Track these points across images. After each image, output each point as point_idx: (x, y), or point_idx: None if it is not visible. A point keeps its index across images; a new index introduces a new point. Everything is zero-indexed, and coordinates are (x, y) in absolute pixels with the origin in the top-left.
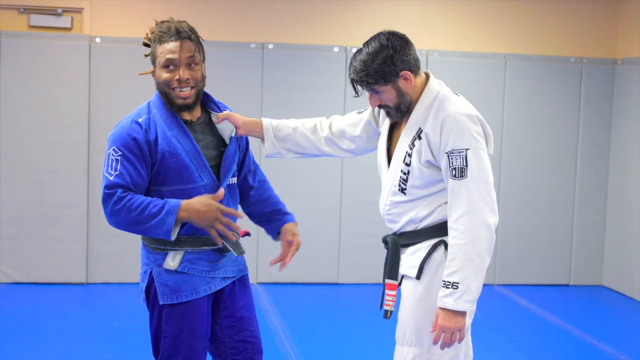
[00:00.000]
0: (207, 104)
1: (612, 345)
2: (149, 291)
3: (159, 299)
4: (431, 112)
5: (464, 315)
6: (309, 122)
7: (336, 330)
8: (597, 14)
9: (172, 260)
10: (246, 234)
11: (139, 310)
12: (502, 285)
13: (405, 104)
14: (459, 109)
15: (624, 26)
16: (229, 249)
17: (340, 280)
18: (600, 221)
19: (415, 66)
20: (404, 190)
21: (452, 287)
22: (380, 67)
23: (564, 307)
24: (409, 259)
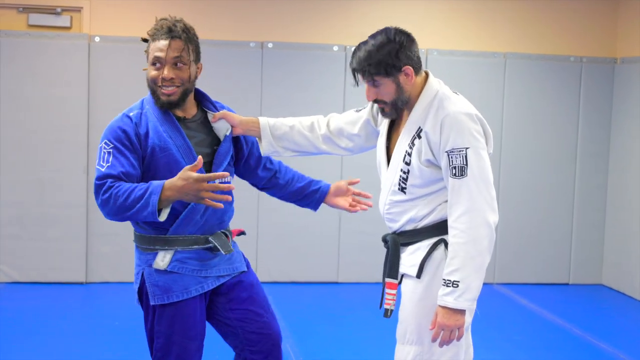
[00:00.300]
0: (204, 103)
1: (611, 344)
2: (142, 292)
3: (150, 300)
4: (431, 111)
5: (463, 313)
6: (306, 121)
7: (336, 329)
8: (597, 13)
9: (162, 260)
10: (241, 233)
11: (139, 310)
12: (502, 284)
13: (402, 100)
14: (459, 107)
15: (624, 25)
16: (218, 247)
17: (340, 279)
18: (600, 220)
19: (417, 64)
20: (403, 189)
21: (453, 285)
22: (384, 58)
23: (563, 306)
24: (409, 258)
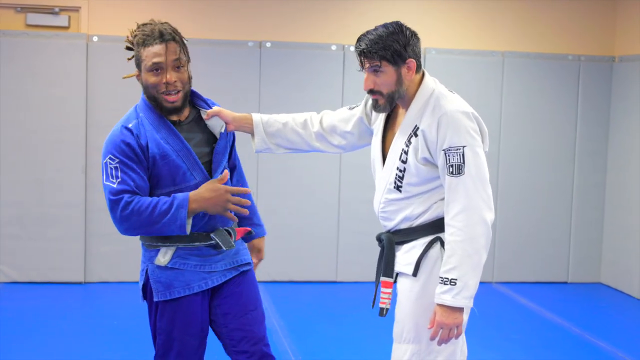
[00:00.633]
0: (195, 101)
1: (610, 342)
2: (146, 288)
3: (153, 296)
4: (427, 109)
5: (461, 311)
6: (299, 117)
7: (334, 328)
8: (595, 11)
9: (163, 256)
10: (248, 233)
11: (138, 309)
12: (501, 282)
13: (399, 94)
14: (456, 106)
15: (622, 24)
16: (220, 244)
17: (338, 278)
18: (598, 218)
19: (419, 61)
20: (399, 187)
21: (450, 283)
22: (394, 45)
23: (562, 304)
24: (405, 257)
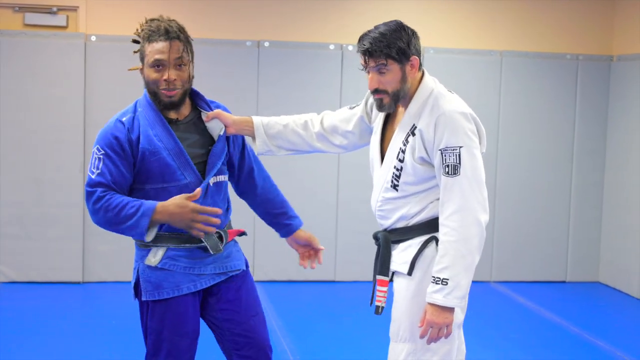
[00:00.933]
0: (198, 102)
1: (608, 341)
2: (137, 287)
3: (142, 295)
4: (425, 109)
5: (452, 311)
6: (299, 119)
7: (333, 328)
8: (593, 10)
9: (154, 256)
10: (242, 234)
11: (136, 309)
12: (499, 282)
13: (404, 92)
14: (454, 106)
15: (620, 23)
16: (208, 247)
17: (337, 278)
18: (596, 217)
19: (420, 59)
20: (396, 186)
21: (442, 283)
22: (398, 42)
23: (560, 303)
24: (401, 255)
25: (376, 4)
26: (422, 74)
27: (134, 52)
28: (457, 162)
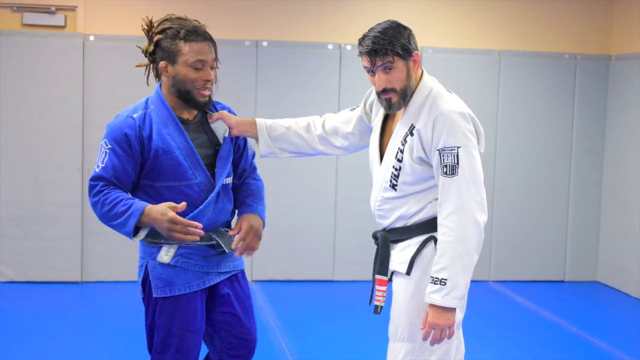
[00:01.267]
0: None
1: (607, 341)
2: (145, 284)
3: (152, 292)
4: (424, 108)
5: (453, 312)
6: (302, 121)
7: (331, 327)
8: (591, 10)
9: (166, 254)
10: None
11: (134, 308)
12: (498, 281)
13: (410, 89)
14: (452, 106)
15: (618, 22)
16: (222, 245)
17: (335, 277)
18: (595, 217)
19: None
20: (394, 186)
21: (440, 283)
22: (400, 38)
23: (559, 303)
24: (399, 255)
25: (374, 3)
26: (421, 73)
27: (147, 48)
28: (455, 162)
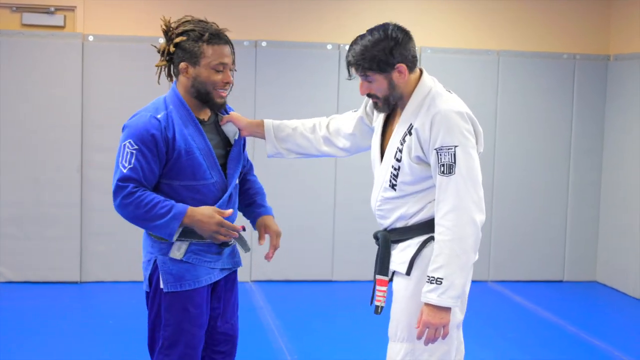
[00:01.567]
0: None
1: (606, 340)
2: (152, 279)
3: (162, 286)
4: (423, 108)
5: (448, 311)
6: (308, 122)
7: (330, 327)
8: (590, 10)
9: (178, 250)
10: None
11: (133, 308)
12: (496, 281)
13: (395, 97)
14: (450, 105)
15: (617, 22)
16: (229, 244)
17: (334, 277)
18: (593, 217)
19: (412, 62)
20: (394, 186)
21: (436, 282)
22: (378, 54)
23: (557, 303)
24: (400, 255)
25: (373, 4)
26: (421, 73)
27: (162, 47)
28: (452, 161)
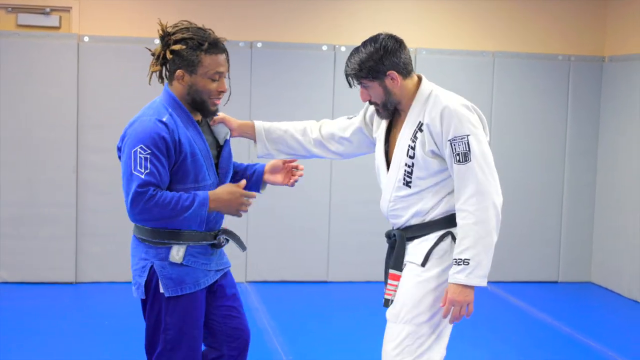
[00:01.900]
0: None
1: (600, 341)
2: (149, 285)
3: (163, 292)
4: (428, 106)
5: (472, 289)
6: (299, 125)
7: (325, 328)
8: (585, 12)
9: (177, 253)
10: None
11: (128, 309)
12: (491, 282)
13: (392, 102)
14: (455, 100)
15: (612, 24)
16: (222, 244)
17: (329, 278)
18: (588, 218)
19: (403, 69)
20: (409, 183)
21: (464, 263)
22: (369, 64)
23: (552, 303)
24: (415, 249)
25: (368, 4)
26: (420, 79)
27: (158, 51)
28: (467, 149)
